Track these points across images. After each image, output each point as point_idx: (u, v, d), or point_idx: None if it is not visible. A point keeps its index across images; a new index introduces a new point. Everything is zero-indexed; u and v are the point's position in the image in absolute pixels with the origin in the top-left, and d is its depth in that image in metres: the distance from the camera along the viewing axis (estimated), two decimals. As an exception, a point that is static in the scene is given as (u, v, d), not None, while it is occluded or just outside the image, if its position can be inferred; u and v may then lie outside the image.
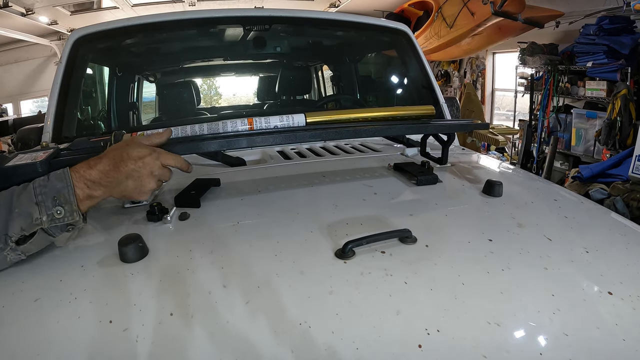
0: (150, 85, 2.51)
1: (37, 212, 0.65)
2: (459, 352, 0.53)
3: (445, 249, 0.72)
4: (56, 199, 0.66)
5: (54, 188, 0.67)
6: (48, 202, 0.66)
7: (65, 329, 0.56)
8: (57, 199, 0.66)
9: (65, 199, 0.67)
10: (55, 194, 0.66)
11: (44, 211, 0.65)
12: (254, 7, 3.92)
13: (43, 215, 0.65)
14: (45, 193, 0.66)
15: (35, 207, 0.65)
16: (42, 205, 0.65)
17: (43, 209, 0.65)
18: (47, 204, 0.66)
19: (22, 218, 0.64)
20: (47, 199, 0.66)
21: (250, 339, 0.54)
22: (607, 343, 0.56)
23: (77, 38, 1.49)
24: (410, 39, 1.77)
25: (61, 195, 0.67)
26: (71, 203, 0.67)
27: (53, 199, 0.66)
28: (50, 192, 0.66)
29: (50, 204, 0.66)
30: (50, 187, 0.66)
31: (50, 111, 1.38)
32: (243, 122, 0.97)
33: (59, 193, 0.66)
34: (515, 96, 5.28)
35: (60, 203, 0.66)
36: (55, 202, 0.66)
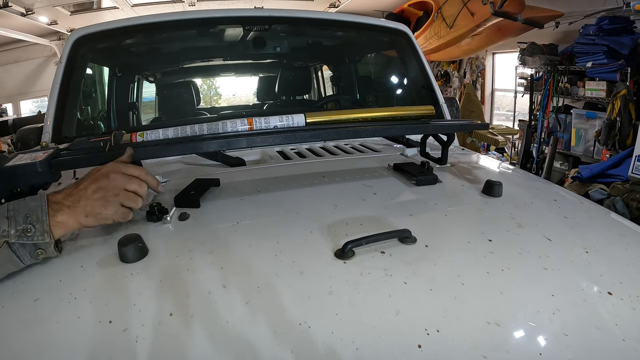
0: (150, 85, 2.51)
1: (6, 224, 0.64)
2: (458, 352, 0.53)
3: (445, 249, 0.72)
4: (28, 216, 0.65)
5: (27, 206, 0.66)
6: (19, 218, 0.64)
7: (65, 329, 0.56)
8: (28, 217, 0.65)
9: (37, 217, 0.66)
10: (28, 212, 0.65)
11: (13, 225, 0.64)
12: (253, 7, 3.92)
13: (12, 228, 0.64)
14: (17, 210, 0.65)
15: (4, 220, 0.64)
16: (12, 220, 0.64)
17: (12, 223, 0.64)
18: (18, 219, 0.64)
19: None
20: (18, 215, 0.65)
21: (250, 339, 0.54)
22: (606, 343, 0.56)
23: (77, 38, 1.49)
24: (410, 39, 1.77)
25: (33, 213, 0.65)
26: (43, 222, 0.65)
27: (25, 216, 0.65)
28: (23, 210, 0.65)
29: (21, 219, 0.64)
30: (24, 205, 0.66)
31: (50, 111, 1.38)
32: (243, 123, 0.97)
33: (31, 211, 0.65)
34: (515, 96, 5.28)
35: (32, 221, 0.65)
36: (26, 220, 0.65)
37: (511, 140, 5.44)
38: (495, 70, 6.21)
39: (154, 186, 0.78)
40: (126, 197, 0.72)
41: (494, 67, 6.20)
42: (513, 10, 3.95)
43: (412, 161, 1.15)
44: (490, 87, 6.25)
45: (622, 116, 3.51)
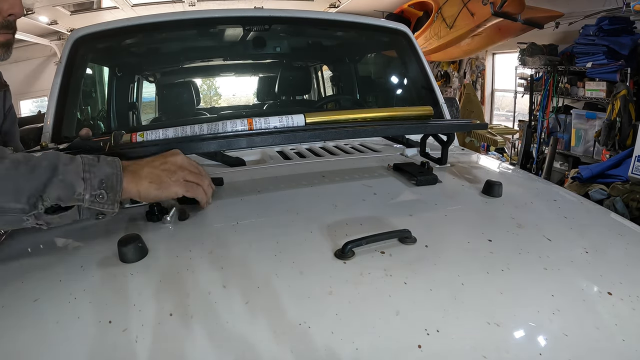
0: (150, 85, 2.51)
1: (82, 187, 0.62)
2: (458, 352, 0.53)
3: (444, 249, 0.72)
4: (103, 182, 0.63)
5: (103, 171, 0.64)
6: (94, 182, 0.63)
7: (65, 329, 0.56)
8: (104, 182, 0.63)
9: (112, 186, 0.64)
10: (104, 177, 0.64)
11: (88, 189, 0.62)
12: (253, 7, 3.92)
13: (87, 193, 0.62)
14: (93, 172, 0.63)
15: (80, 182, 0.62)
16: (87, 182, 0.62)
17: (88, 187, 0.62)
18: (94, 183, 0.63)
19: (63, 186, 0.61)
20: (94, 178, 0.63)
21: (250, 339, 0.53)
22: (606, 343, 0.56)
23: (77, 38, 1.49)
24: (410, 39, 1.77)
25: (109, 180, 0.64)
26: (116, 192, 0.65)
27: (100, 181, 0.63)
28: (99, 173, 0.63)
29: (96, 184, 0.63)
30: (100, 169, 0.64)
31: (50, 111, 1.38)
32: (242, 123, 0.97)
33: (107, 177, 0.64)
34: (514, 97, 5.28)
35: (106, 188, 0.64)
36: (101, 185, 0.63)
37: (511, 140, 5.44)
38: (495, 70, 6.21)
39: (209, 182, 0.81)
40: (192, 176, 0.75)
41: (494, 67, 6.21)
42: (513, 11, 3.95)
43: (412, 161, 1.15)
44: (490, 87, 6.25)
45: (622, 116, 3.51)
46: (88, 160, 0.64)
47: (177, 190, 0.73)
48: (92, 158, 0.65)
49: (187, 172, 0.75)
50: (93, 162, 0.65)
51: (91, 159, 0.65)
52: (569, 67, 4.20)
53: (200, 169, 0.79)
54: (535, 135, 4.73)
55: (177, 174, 0.73)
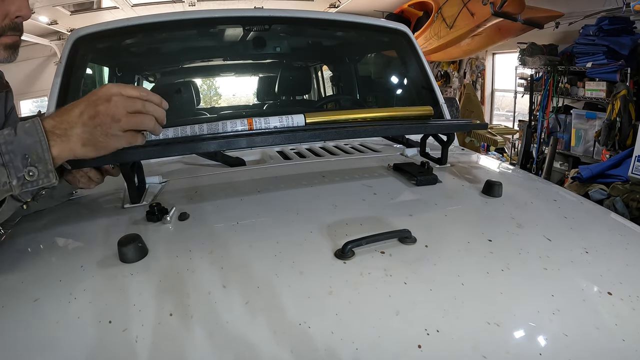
0: (150, 85, 2.51)
1: (5, 175, 0.55)
2: (458, 352, 0.53)
3: (444, 249, 0.72)
4: (27, 157, 0.56)
5: (23, 144, 0.56)
6: (17, 162, 0.56)
7: (65, 329, 0.56)
8: (28, 157, 0.56)
9: (39, 156, 0.57)
10: (26, 152, 0.56)
11: (13, 174, 0.55)
12: (253, 7, 3.92)
13: (12, 179, 0.55)
14: (12, 151, 0.55)
15: (2, 169, 0.55)
16: (9, 167, 0.55)
17: (12, 171, 0.55)
18: (16, 164, 0.56)
19: None
20: (15, 158, 0.56)
21: (250, 339, 0.54)
22: (606, 343, 0.56)
23: (77, 38, 1.49)
24: (410, 39, 1.77)
25: (33, 152, 0.56)
26: (46, 162, 0.57)
27: (23, 157, 0.56)
28: (19, 150, 0.56)
29: (19, 163, 0.56)
30: (18, 143, 0.56)
31: (49, 111, 1.38)
32: (242, 123, 0.97)
33: (29, 150, 0.56)
34: (514, 97, 5.28)
35: (33, 162, 0.56)
36: (25, 162, 0.56)
37: (511, 140, 5.44)
38: (495, 70, 6.21)
39: (158, 102, 0.68)
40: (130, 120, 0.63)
41: (494, 67, 6.21)
42: (513, 11, 3.95)
43: (412, 161, 1.15)
44: (490, 87, 6.25)
45: (622, 116, 3.51)
46: (4, 139, 0.56)
47: (117, 146, 0.64)
48: (9, 132, 0.57)
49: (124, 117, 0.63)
50: (9, 138, 0.56)
51: (7, 134, 0.57)
52: (569, 67, 4.19)
53: (138, 94, 0.65)
54: (535, 135, 4.72)
55: (112, 127, 0.61)
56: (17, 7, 0.81)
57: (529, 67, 4.67)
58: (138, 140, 0.66)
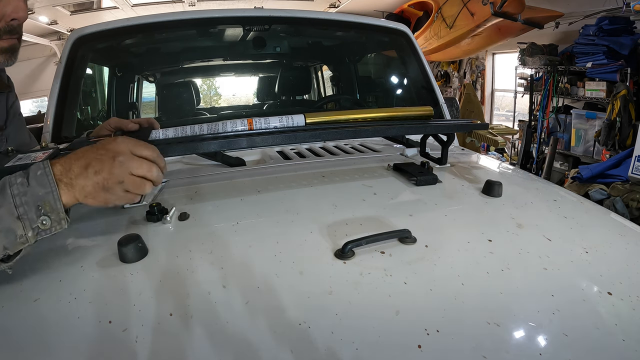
0: (150, 85, 2.51)
1: (21, 228, 0.57)
2: (458, 352, 0.53)
3: (444, 249, 0.72)
4: (40, 208, 0.58)
5: (36, 196, 0.58)
6: (32, 214, 0.57)
7: (65, 329, 0.56)
8: (41, 208, 0.58)
9: (51, 207, 0.58)
10: (39, 203, 0.58)
11: (28, 226, 0.57)
12: (253, 7, 3.92)
13: (28, 230, 0.57)
14: (26, 203, 0.57)
15: (18, 222, 0.57)
16: (24, 219, 0.57)
17: (27, 223, 0.57)
18: (31, 215, 0.57)
19: (4, 235, 0.56)
20: (29, 210, 0.57)
21: (250, 339, 0.54)
22: (606, 343, 0.56)
23: (77, 38, 1.49)
24: (410, 39, 1.77)
25: (45, 203, 0.58)
26: (58, 211, 0.59)
27: (37, 208, 0.58)
28: (32, 201, 0.57)
29: (34, 215, 0.57)
30: (32, 195, 0.57)
31: (50, 111, 1.38)
32: (243, 123, 0.97)
33: (42, 201, 0.58)
34: (514, 97, 5.28)
35: (46, 212, 0.58)
36: (39, 212, 0.58)
37: (511, 140, 5.44)
38: (495, 70, 6.21)
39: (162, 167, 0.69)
40: (132, 183, 0.64)
41: (494, 67, 6.20)
42: (513, 11, 3.95)
43: (412, 161, 1.15)
44: (490, 87, 6.25)
45: (622, 116, 3.51)
46: (17, 190, 0.58)
47: (116, 203, 0.65)
48: (22, 182, 0.58)
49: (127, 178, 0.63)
50: (23, 189, 0.58)
51: (20, 184, 0.58)
52: (569, 67, 4.19)
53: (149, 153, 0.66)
54: (535, 135, 4.72)
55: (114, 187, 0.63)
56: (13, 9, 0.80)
57: (529, 67, 4.67)
58: (136, 200, 0.67)
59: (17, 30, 0.84)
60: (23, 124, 1.10)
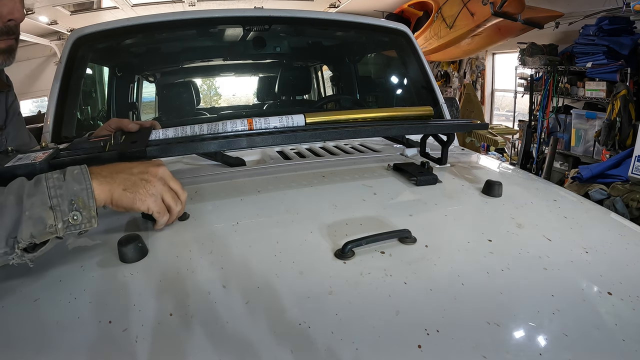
0: (150, 85, 2.51)
1: (52, 218, 0.58)
2: (458, 352, 0.53)
3: (444, 249, 0.72)
4: (73, 202, 0.59)
5: (71, 190, 0.59)
6: (64, 206, 0.58)
7: (65, 329, 0.56)
8: (74, 203, 0.59)
9: (84, 203, 0.60)
10: (73, 197, 0.59)
11: (59, 217, 0.58)
12: (253, 7, 3.92)
13: (58, 222, 0.58)
14: (61, 195, 0.58)
15: (49, 212, 0.57)
16: (57, 210, 0.58)
17: (59, 215, 0.58)
18: (63, 208, 0.58)
19: (33, 223, 0.57)
20: (62, 203, 0.58)
21: (250, 339, 0.53)
22: (606, 343, 0.56)
23: (77, 38, 1.49)
24: (410, 39, 1.77)
25: (79, 199, 0.59)
26: (90, 208, 0.60)
27: (70, 202, 0.59)
28: (67, 195, 0.59)
29: (66, 208, 0.59)
30: (66, 189, 0.59)
31: (50, 111, 1.38)
32: (242, 123, 0.97)
33: (76, 196, 0.59)
34: (514, 97, 5.28)
35: (78, 208, 0.59)
36: (72, 207, 0.59)
37: (511, 140, 5.44)
38: (495, 70, 6.21)
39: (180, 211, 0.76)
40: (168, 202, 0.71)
41: (494, 67, 6.21)
42: (513, 11, 3.95)
43: (412, 161, 1.15)
44: (490, 87, 6.26)
45: (621, 116, 3.51)
46: (53, 183, 0.59)
47: (150, 206, 0.69)
48: (58, 177, 0.60)
49: (167, 189, 0.71)
50: (59, 183, 0.59)
51: (56, 179, 0.60)
52: (569, 67, 4.20)
53: (180, 189, 0.74)
54: (535, 135, 4.73)
55: (156, 187, 0.69)
56: (9, 9, 0.80)
57: (529, 67, 4.67)
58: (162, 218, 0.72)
59: (14, 30, 0.84)
60: (22, 124, 1.10)
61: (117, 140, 0.90)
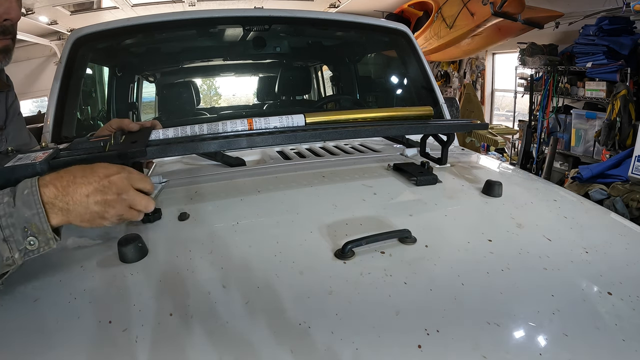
0: (150, 85, 2.51)
1: (7, 250, 0.55)
2: (458, 352, 0.53)
3: (444, 249, 0.72)
4: (26, 229, 0.56)
5: (22, 217, 0.56)
6: (18, 236, 0.56)
7: (65, 329, 0.56)
8: (27, 230, 0.56)
9: (38, 228, 0.57)
10: (25, 224, 0.56)
11: (14, 248, 0.56)
12: (253, 7, 3.92)
13: (14, 252, 0.56)
14: (12, 225, 0.56)
15: (4, 245, 0.55)
16: (11, 242, 0.55)
17: (13, 246, 0.56)
18: (17, 237, 0.56)
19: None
20: (16, 232, 0.56)
21: (250, 339, 0.53)
22: (606, 343, 0.56)
23: (77, 38, 1.49)
24: (410, 39, 1.77)
25: (32, 224, 0.56)
26: (45, 232, 0.57)
27: (23, 230, 0.56)
28: (19, 223, 0.56)
29: (20, 237, 0.56)
30: (18, 216, 0.56)
31: (50, 111, 1.38)
32: (243, 123, 0.97)
33: (29, 223, 0.56)
34: (514, 97, 5.28)
35: (33, 233, 0.57)
36: (26, 234, 0.56)
37: (511, 140, 5.44)
38: (495, 70, 6.21)
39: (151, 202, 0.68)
40: (129, 215, 0.65)
41: (494, 67, 6.20)
42: (513, 11, 3.95)
43: (412, 161, 1.15)
44: (490, 87, 6.25)
45: (622, 116, 3.51)
46: (4, 210, 0.56)
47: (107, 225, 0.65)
48: (8, 201, 0.56)
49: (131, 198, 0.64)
50: (9, 210, 0.56)
51: (6, 204, 0.56)
52: (569, 67, 4.19)
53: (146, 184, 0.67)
54: (535, 135, 4.72)
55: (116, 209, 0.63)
56: (5, 9, 0.80)
57: (529, 67, 4.67)
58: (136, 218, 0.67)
59: (10, 30, 0.84)
60: (23, 124, 1.10)
61: (117, 140, 0.90)
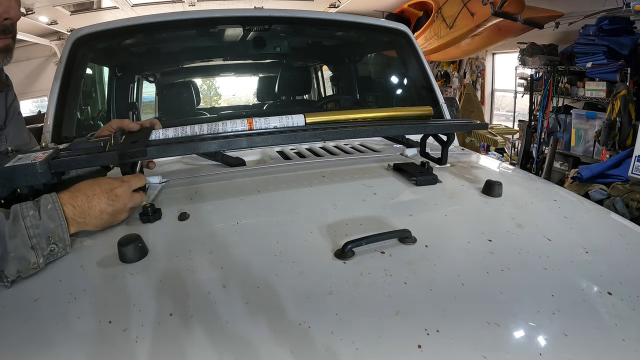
0: (150, 85, 2.51)
1: (34, 256, 0.65)
2: (458, 352, 0.53)
3: (444, 249, 0.72)
4: (50, 238, 0.67)
5: (47, 229, 0.67)
6: (43, 244, 0.66)
7: (65, 329, 0.56)
8: (51, 239, 0.67)
9: (60, 237, 0.68)
10: (50, 234, 0.67)
11: (40, 254, 0.65)
12: (253, 7, 3.92)
13: (39, 258, 0.65)
14: (39, 235, 0.66)
15: (31, 252, 0.64)
16: (37, 249, 0.65)
17: (39, 252, 0.65)
18: (42, 245, 0.66)
19: (18, 261, 0.63)
20: (41, 241, 0.66)
21: (250, 339, 0.53)
22: (606, 343, 0.56)
23: (77, 38, 1.49)
24: (410, 39, 1.77)
25: (55, 234, 0.67)
26: (65, 241, 0.69)
27: (47, 239, 0.66)
28: (44, 234, 0.66)
29: (44, 244, 0.66)
30: (43, 228, 0.66)
31: (49, 111, 1.38)
32: (243, 123, 0.97)
33: (52, 233, 0.67)
34: (514, 97, 5.28)
35: (55, 242, 0.67)
36: (49, 242, 0.67)
37: (511, 140, 5.44)
38: (495, 70, 6.21)
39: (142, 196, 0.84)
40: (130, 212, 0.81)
41: (494, 67, 6.20)
42: (513, 11, 3.94)
43: (412, 161, 1.15)
44: (490, 87, 6.25)
45: (621, 116, 3.51)
46: (30, 222, 0.66)
47: None
48: (33, 214, 0.67)
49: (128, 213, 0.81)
50: (35, 222, 0.66)
51: (32, 217, 0.66)
52: (569, 67, 4.19)
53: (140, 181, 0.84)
54: (535, 135, 4.72)
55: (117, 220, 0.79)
56: (5, 8, 0.80)
57: (529, 67, 4.67)
58: None
59: (10, 29, 0.84)
60: (22, 123, 1.10)
61: (117, 140, 0.90)
